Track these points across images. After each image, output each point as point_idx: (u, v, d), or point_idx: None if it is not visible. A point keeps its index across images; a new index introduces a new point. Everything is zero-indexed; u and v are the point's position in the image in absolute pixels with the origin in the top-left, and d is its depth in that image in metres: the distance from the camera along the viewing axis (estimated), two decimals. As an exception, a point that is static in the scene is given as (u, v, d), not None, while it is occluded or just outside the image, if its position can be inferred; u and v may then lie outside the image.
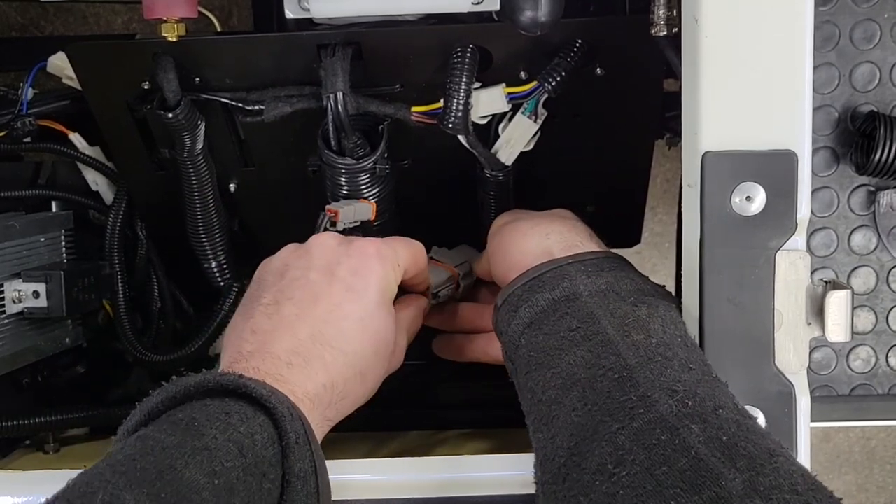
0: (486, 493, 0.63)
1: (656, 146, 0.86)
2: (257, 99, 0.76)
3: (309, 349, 0.60)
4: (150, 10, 0.68)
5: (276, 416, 0.52)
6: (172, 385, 0.53)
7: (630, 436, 0.48)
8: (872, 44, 0.71)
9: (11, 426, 0.77)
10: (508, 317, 0.63)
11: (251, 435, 0.51)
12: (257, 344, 0.59)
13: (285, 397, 0.55)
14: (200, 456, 0.48)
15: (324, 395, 0.59)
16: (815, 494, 0.43)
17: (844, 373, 0.75)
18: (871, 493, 1.58)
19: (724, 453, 0.45)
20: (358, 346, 0.62)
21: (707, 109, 0.56)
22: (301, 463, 0.52)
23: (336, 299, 0.62)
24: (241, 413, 0.52)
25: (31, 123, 0.82)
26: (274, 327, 0.60)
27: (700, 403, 0.49)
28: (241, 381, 0.53)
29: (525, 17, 0.64)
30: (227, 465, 0.49)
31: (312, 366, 0.59)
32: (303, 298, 0.62)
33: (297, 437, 0.52)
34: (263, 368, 0.57)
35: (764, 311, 0.57)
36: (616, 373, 0.52)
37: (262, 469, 0.51)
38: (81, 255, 0.88)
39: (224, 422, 0.51)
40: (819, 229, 0.74)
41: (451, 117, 0.71)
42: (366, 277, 0.64)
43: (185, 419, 0.51)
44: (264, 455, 0.51)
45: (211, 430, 0.50)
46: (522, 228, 0.69)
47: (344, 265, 0.64)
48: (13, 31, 1.34)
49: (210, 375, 0.54)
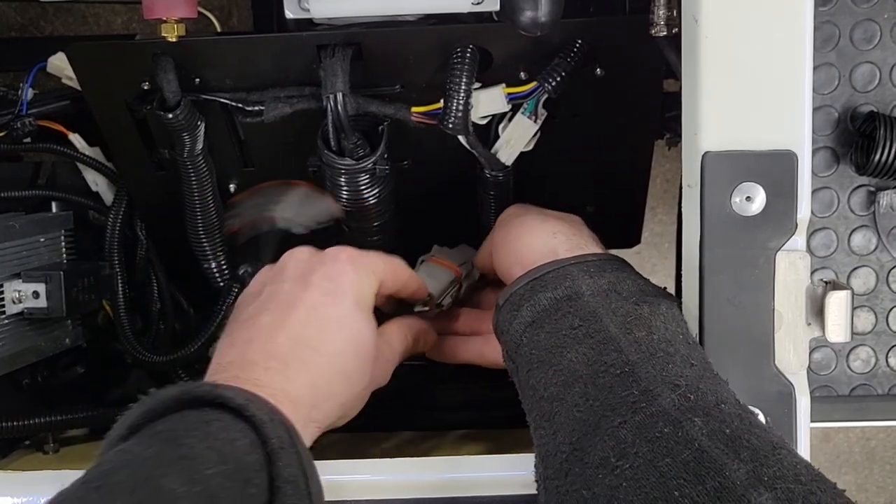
0: (486, 494, 0.63)
1: (656, 146, 0.86)
2: (257, 99, 0.76)
3: (287, 352, 0.60)
4: (150, 10, 0.68)
5: (255, 423, 0.52)
6: (151, 398, 0.53)
7: (632, 429, 0.48)
8: (872, 44, 0.71)
9: (11, 426, 0.77)
10: (510, 316, 0.63)
11: (232, 442, 0.51)
12: (235, 355, 0.60)
13: (264, 403, 0.54)
14: (179, 465, 0.48)
15: (306, 395, 0.59)
16: (819, 485, 0.43)
17: (844, 373, 0.75)
18: (871, 493, 1.58)
19: (727, 445, 0.45)
20: (338, 346, 0.62)
21: (707, 109, 0.56)
22: (290, 467, 0.52)
23: (312, 303, 0.63)
24: (220, 421, 0.52)
25: (30, 124, 0.82)
26: (251, 337, 0.61)
27: (702, 398, 0.49)
28: (217, 391, 0.53)
29: (525, 18, 0.64)
30: (206, 473, 0.48)
31: (291, 367, 0.59)
32: (279, 308, 0.63)
33: (281, 442, 0.52)
34: (242, 376, 0.57)
35: (764, 311, 0.57)
36: (618, 368, 0.52)
37: (245, 475, 0.50)
38: (81, 255, 0.88)
39: (203, 430, 0.50)
40: (819, 230, 0.74)
41: (451, 118, 0.71)
42: (340, 281, 0.65)
43: (164, 431, 0.51)
44: (247, 461, 0.50)
45: (189, 440, 0.49)
46: (531, 224, 0.69)
47: (318, 272, 0.65)
48: (13, 31, 1.34)
49: (187, 387, 0.53)
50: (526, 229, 0.69)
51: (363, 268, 0.67)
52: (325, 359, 0.61)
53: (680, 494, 0.43)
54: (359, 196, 0.76)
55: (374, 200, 0.77)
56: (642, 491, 0.44)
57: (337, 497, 0.62)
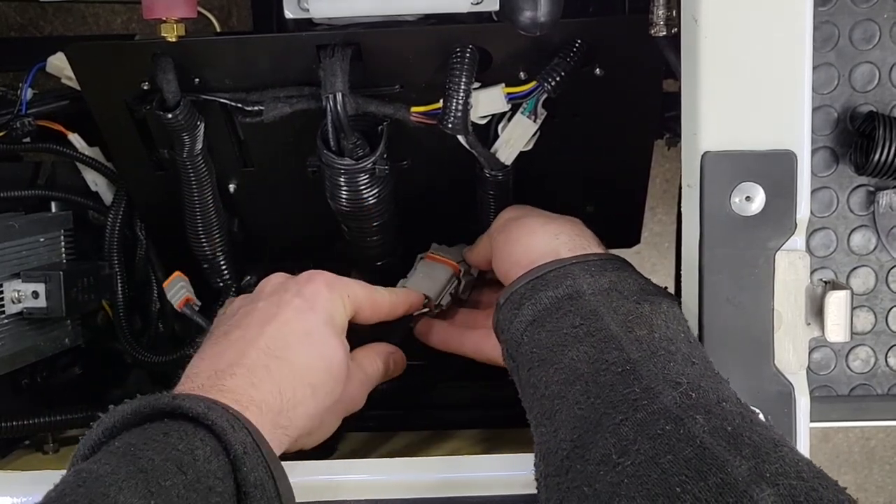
0: (486, 494, 0.63)
1: (656, 146, 0.86)
2: (257, 99, 0.75)
3: (253, 360, 0.60)
4: (150, 10, 0.68)
5: (216, 430, 0.52)
6: (109, 415, 0.53)
7: (634, 426, 0.48)
8: (872, 44, 0.71)
9: (10, 426, 0.77)
10: (511, 315, 0.63)
11: (191, 451, 0.51)
12: (204, 367, 0.60)
13: (225, 410, 0.54)
14: (135, 479, 0.48)
15: (271, 401, 0.59)
16: (821, 482, 0.43)
17: (844, 373, 0.75)
18: (871, 493, 1.58)
19: (728, 442, 0.45)
20: (304, 359, 0.62)
21: (706, 109, 0.56)
22: (255, 472, 0.52)
23: (284, 319, 0.64)
24: (180, 431, 0.52)
25: (30, 124, 0.82)
26: (221, 351, 0.62)
27: (704, 396, 0.49)
28: (175, 402, 0.53)
29: (524, 18, 0.64)
30: (165, 485, 0.48)
31: (256, 374, 0.59)
32: (251, 324, 0.64)
33: (245, 448, 0.52)
34: (208, 384, 0.58)
35: (763, 311, 0.57)
36: (619, 367, 0.53)
37: (206, 483, 0.50)
38: (81, 255, 0.88)
39: (162, 442, 0.51)
40: (818, 229, 0.74)
41: (451, 117, 0.71)
42: (313, 300, 0.66)
43: (122, 446, 0.51)
44: (208, 469, 0.51)
45: (147, 453, 0.50)
46: (532, 225, 0.69)
47: (291, 291, 0.66)
48: (12, 31, 1.34)
49: (146, 400, 0.54)
50: (528, 231, 0.69)
51: (338, 291, 0.68)
52: (291, 367, 0.61)
53: (682, 491, 0.43)
54: (358, 196, 0.76)
55: (373, 200, 0.77)
56: (644, 487, 0.44)
57: (335, 497, 0.62)
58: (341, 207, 0.77)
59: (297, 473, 0.59)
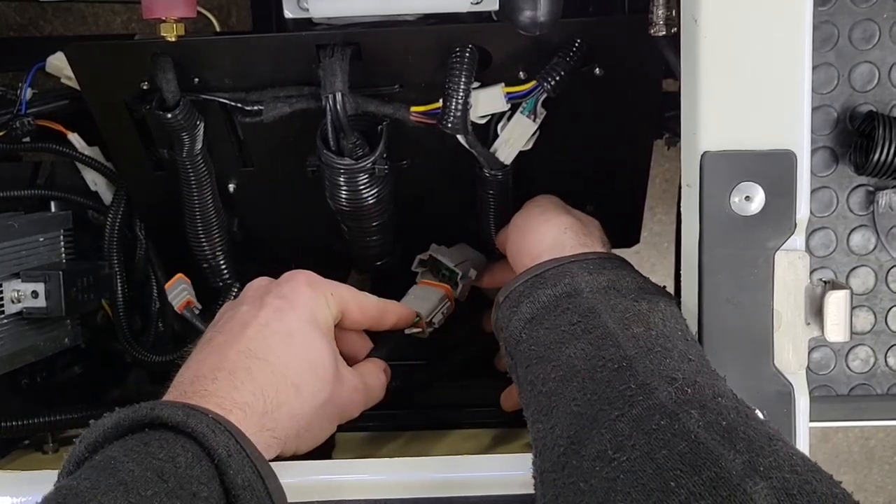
0: (486, 494, 0.63)
1: (655, 146, 0.86)
2: (256, 99, 0.75)
3: (234, 363, 0.60)
4: (149, 10, 0.68)
5: (196, 436, 0.52)
6: (89, 431, 0.54)
7: (629, 422, 0.48)
8: (871, 44, 0.71)
9: (10, 426, 0.77)
10: (510, 313, 0.63)
11: (172, 459, 0.51)
12: (188, 373, 0.60)
13: (204, 415, 0.54)
14: (115, 492, 0.48)
15: (255, 403, 0.59)
16: (814, 475, 0.43)
17: (843, 373, 0.75)
18: (870, 493, 1.58)
19: (723, 437, 0.45)
20: (286, 359, 0.62)
21: (706, 109, 0.56)
22: (242, 473, 0.52)
23: (264, 320, 0.64)
24: (160, 440, 0.52)
25: (29, 123, 0.82)
26: (204, 357, 0.61)
27: (699, 391, 0.50)
28: (154, 411, 0.53)
29: (524, 17, 0.64)
30: (145, 495, 0.48)
31: (238, 376, 0.59)
32: (233, 328, 0.64)
33: (228, 451, 0.52)
34: (191, 390, 0.58)
35: (763, 310, 0.57)
36: (616, 363, 0.53)
37: (189, 489, 0.50)
38: (80, 255, 0.88)
39: (142, 452, 0.51)
40: (818, 229, 0.74)
41: (450, 117, 0.71)
42: (293, 299, 0.65)
43: (103, 460, 0.51)
44: (190, 475, 0.51)
45: (127, 465, 0.50)
46: (548, 215, 0.71)
47: (272, 293, 0.66)
48: (12, 31, 1.34)
49: (125, 412, 0.54)
50: (543, 220, 0.70)
51: (320, 289, 0.67)
52: (272, 368, 0.61)
53: (676, 485, 0.43)
54: (358, 196, 0.76)
55: (373, 200, 0.77)
56: (639, 482, 0.44)
57: (335, 497, 0.62)
58: (341, 207, 0.77)
59: (296, 473, 0.59)
